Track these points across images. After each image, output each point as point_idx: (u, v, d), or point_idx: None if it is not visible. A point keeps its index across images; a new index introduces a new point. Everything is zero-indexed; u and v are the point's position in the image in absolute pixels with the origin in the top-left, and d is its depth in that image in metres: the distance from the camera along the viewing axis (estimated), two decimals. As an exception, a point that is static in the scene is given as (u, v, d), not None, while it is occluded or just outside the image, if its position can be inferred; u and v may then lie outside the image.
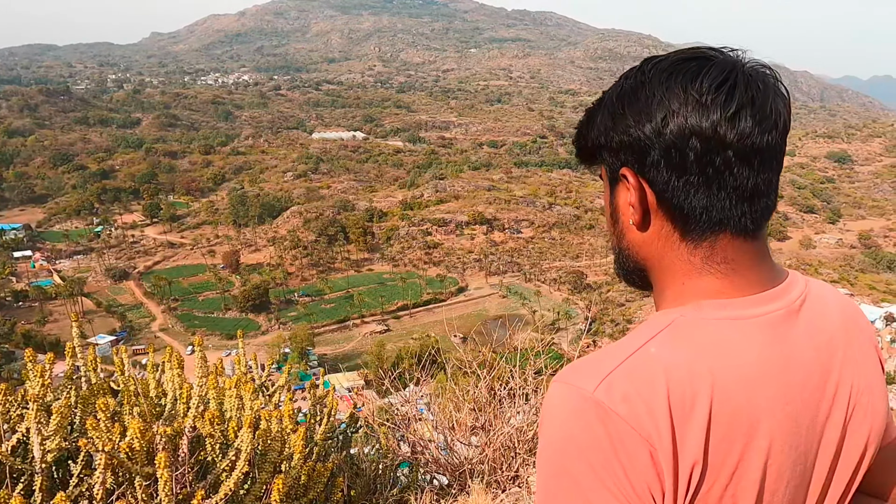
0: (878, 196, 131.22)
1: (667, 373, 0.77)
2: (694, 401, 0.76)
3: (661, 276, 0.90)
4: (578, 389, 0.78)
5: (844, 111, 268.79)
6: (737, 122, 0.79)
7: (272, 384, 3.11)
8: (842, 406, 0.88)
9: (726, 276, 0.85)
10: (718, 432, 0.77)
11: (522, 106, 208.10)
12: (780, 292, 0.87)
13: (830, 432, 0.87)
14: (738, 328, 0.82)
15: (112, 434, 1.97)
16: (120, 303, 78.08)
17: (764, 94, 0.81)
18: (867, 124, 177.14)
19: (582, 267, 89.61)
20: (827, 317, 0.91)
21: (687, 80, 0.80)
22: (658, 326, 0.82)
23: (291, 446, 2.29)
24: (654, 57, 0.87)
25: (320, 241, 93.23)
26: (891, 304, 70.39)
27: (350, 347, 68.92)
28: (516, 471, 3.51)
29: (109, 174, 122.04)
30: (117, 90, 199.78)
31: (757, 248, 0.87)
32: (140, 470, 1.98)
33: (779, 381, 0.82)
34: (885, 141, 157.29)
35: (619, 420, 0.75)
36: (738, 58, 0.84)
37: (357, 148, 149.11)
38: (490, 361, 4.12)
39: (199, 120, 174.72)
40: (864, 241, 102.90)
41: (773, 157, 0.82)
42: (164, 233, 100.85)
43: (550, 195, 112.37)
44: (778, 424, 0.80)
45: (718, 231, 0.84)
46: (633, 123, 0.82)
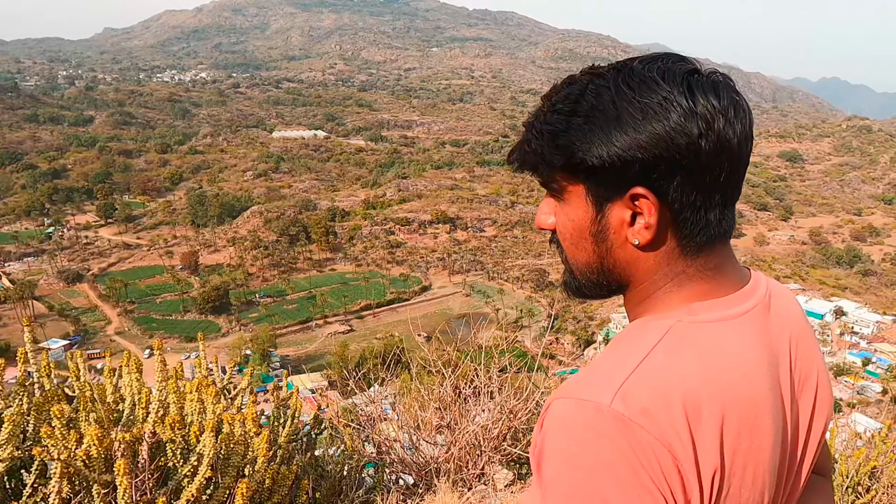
0: (828, 194, 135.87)
1: (680, 380, 0.76)
2: (709, 406, 0.75)
3: (645, 287, 0.86)
4: (594, 403, 0.74)
5: (795, 111, 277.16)
6: (744, 131, 0.79)
7: (234, 387, 3.06)
8: (811, 392, 0.91)
9: (713, 278, 0.85)
10: (730, 434, 0.76)
11: (485, 105, 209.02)
12: (752, 288, 0.89)
13: (803, 418, 0.90)
14: (732, 328, 0.82)
15: (68, 441, 1.91)
16: (74, 306, 75.80)
17: (748, 105, 0.81)
18: (817, 124, 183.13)
19: (544, 265, 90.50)
20: (789, 309, 0.93)
21: (702, 91, 0.77)
22: (657, 333, 0.80)
23: (255, 450, 2.26)
24: (630, 62, 0.82)
25: (282, 241, 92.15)
26: (840, 298, 72.94)
27: (313, 348, 68.31)
28: (482, 468, 3.53)
29: (61, 173, 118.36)
30: (69, 87, 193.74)
31: (729, 248, 0.88)
32: (98, 478, 1.93)
33: (768, 376, 0.83)
34: (833, 141, 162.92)
35: (642, 431, 0.72)
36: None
37: (319, 147, 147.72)
38: (455, 360, 4.14)
39: (155, 118, 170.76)
40: (815, 238, 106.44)
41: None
42: (119, 234, 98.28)
43: (513, 194, 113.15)
44: (772, 418, 0.82)
45: (716, 239, 0.84)
46: (663, 139, 0.76)
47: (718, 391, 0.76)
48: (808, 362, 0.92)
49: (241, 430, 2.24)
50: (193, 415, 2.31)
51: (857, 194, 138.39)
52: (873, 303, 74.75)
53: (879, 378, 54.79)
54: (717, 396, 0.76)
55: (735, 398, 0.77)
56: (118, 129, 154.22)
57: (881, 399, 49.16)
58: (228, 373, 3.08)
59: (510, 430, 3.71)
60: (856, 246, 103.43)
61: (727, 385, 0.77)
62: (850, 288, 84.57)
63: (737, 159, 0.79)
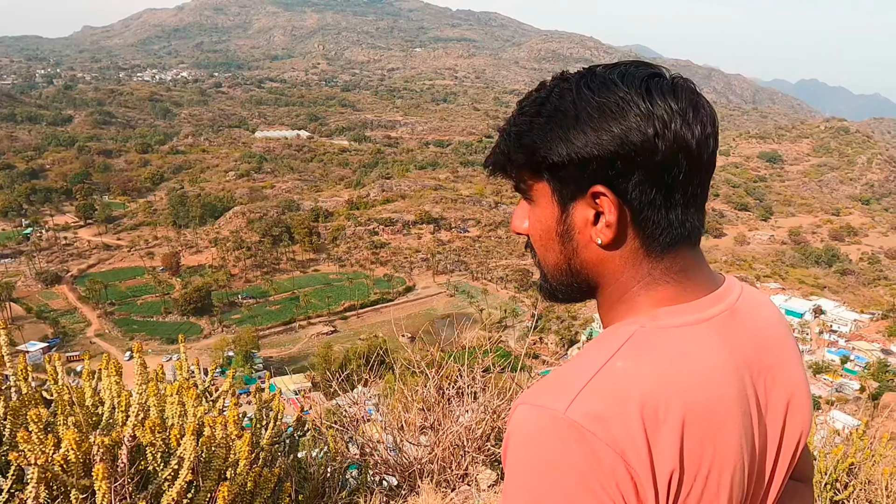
0: (807, 194, 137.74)
1: (636, 386, 0.76)
2: (666, 411, 0.76)
3: (614, 290, 0.88)
4: (549, 410, 0.76)
5: (775, 113, 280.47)
6: (705, 134, 0.80)
7: (216, 389, 3.03)
8: (782, 400, 0.91)
9: (680, 283, 0.86)
10: (692, 438, 0.77)
11: (468, 105, 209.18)
12: (723, 293, 0.89)
13: (773, 426, 0.89)
14: (695, 333, 0.83)
15: (45, 446, 1.89)
16: (52, 308, 74.64)
17: (710, 106, 0.83)
18: (796, 125, 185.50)
19: (528, 265, 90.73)
20: (761, 315, 0.93)
21: (660, 93, 0.79)
22: (619, 339, 0.81)
23: (237, 452, 2.24)
24: (594, 67, 0.84)
25: (264, 241, 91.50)
26: (819, 297, 73.97)
27: (296, 349, 67.91)
28: (465, 469, 3.54)
29: (39, 173, 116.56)
30: (47, 86, 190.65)
31: (698, 253, 0.88)
32: (76, 483, 1.90)
33: (735, 381, 0.83)
34: (812, 142, 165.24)
35: (594, 438, 0.73)
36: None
37: (302, 147, 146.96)
38: (438, 361, 4.14)
39: (135, 117, 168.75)
40: (794, 238, 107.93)
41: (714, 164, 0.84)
42: (99, 234, 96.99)
43: (496, 194, 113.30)
44: (739, 422, 0.82)
45: (680, 242, 0.84)
46: (611, 136, 0.78)
47: (678, 396, 0.77)
48: (782, 369, 0.91)
49: (222, 432, 2.22)
50: (174, 418, 2.28)
51: (835, 195, 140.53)
52: (851, 301, 75.95)
53: (857, 375, 55.65)
54: (677, 402, 0.77)
55: (697, 404, 0.78)
56: (98, 129, 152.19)
57: (859, 396, 49.94)
58: (210, 375, 3.06)
59: (494, 431, 3.71)
60: (834, 245, 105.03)
61: (688, 390, 0.78)
62: (829, 287, 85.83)
63: (696, 160, 0.80)
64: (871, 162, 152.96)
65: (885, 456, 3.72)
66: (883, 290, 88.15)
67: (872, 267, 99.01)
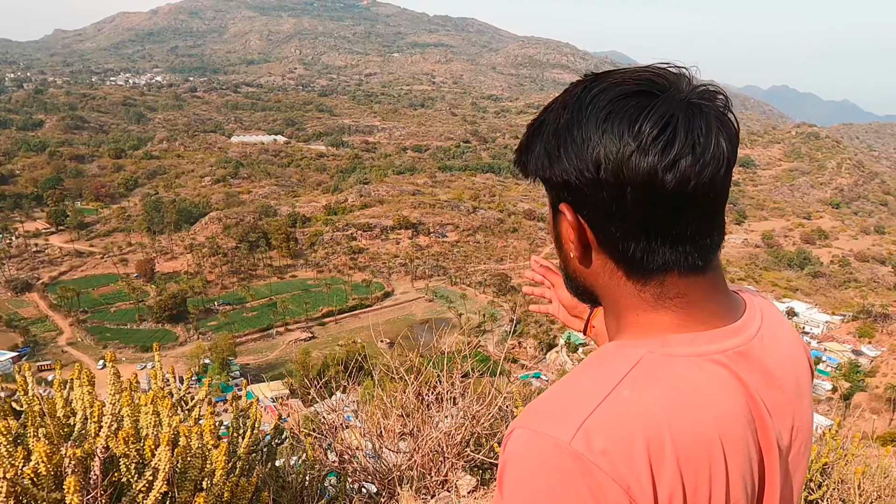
0: (779, 198, 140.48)
1: (643, 420, 0.75)
2: (673, 447, 0.75)
3: (614, 305, 0.88)
4: (553, 439, 0.74)
5: (747, 118, 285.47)
6: (676, 170, 0.75)
7: (192, 398, 2.99)
8: (785, 442, 0.89)
9: (683, 309, 0.84)
10: (696, 476, 0.76)
11: (446, 111, 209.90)
12: (740, 327, 0.87)
13: (773, 468, 0.88)
14: (705, 367, 0.81)
15: (14, 459, 1.84)
16: (22, 316, 73.25)
17: (706, 135, 0.77)
18: (768, 131, 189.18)
19: (506, 269, 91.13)
20: (779, 352, 0.91)
21: (625, 125, 0.76)
22: (626, 363, 0.80)
23: (213, 462, 2.21)
24: (594, 82, 0.82)
25: (241, 247, 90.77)
26: (791, 299, 75.30)
27: (274, 356, 67.36)
28: (445, 475, 3.53)
29: (9, 179, 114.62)
30: (16, 90, 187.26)
31: (708, 280, 0.85)
32: (47, 496, 1.86)
33: (743, 418, 0.82)
34: (783, 147, 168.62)
35: (600, 472, 0.72)
36: (685, 89, 0.79)
37: (278, 152, 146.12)
38: (417, 366, 4.12)
39: (108, 122, 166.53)
40: (767, 241, 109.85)
41: (717, 197, 0.80)
42: (71, 241, 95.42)
43: (474, 199, 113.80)
44: (739, 464, 0.81)
45: (665, 271, 0.82)
46: (569, 167, 0.79)
47: (683, 433, 0.76)
48: (792, 411, 0.90)
49: (198, 442, 2.19)
50: (149, 428, 2.25)
51: (806, 198, 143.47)
52: (823, 303, 77.49)
53: (829, 376, 56.68)
54: (683, 439, 0.76)
55: (702, 441, 0.77)
56: (69, 134, 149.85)
57: (831, 397, 50.90)
58: (186, 383, 3.01)
59: (473, 436, 3.71)
60: (806, 249, 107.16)
61: (694, 426, 0.77)
62: (801, 289, 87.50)
63: (667, 199, 0.77)
64: (841, 166, 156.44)
65: (858, 455, 3.78)
66: (853, 291, 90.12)
67: (843, 269, 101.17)
